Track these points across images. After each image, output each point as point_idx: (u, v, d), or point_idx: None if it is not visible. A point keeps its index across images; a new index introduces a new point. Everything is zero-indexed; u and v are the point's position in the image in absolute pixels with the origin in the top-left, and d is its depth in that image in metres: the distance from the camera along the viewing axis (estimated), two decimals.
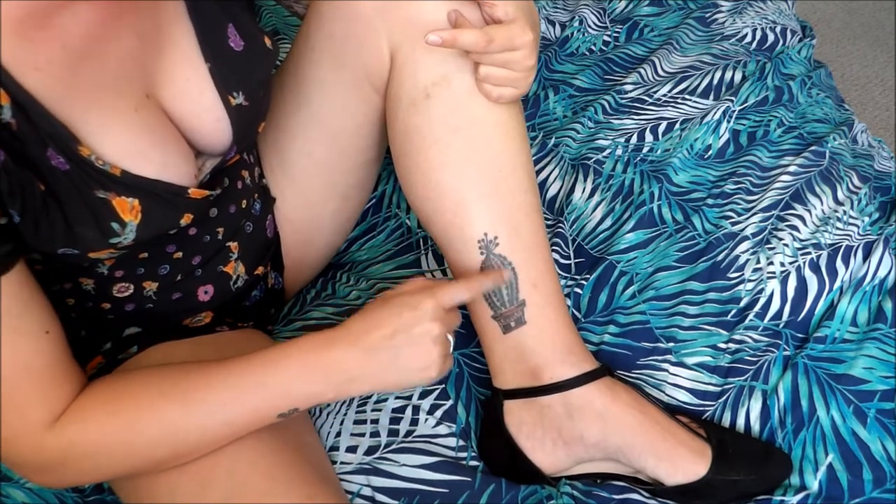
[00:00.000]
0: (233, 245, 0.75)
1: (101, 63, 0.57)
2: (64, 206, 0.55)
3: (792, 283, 0.89)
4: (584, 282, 0.91)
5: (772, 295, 0.88)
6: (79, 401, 0.59)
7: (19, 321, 0.54)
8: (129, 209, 0.58)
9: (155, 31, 0.62)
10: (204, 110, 0.65)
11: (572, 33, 1.35)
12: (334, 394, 0.62)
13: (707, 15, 1.41)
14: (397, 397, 0.79)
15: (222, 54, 0.66)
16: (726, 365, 0.83)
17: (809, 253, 0.92)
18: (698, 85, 1.21)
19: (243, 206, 0.76)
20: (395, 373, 0.62)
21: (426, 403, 0.79)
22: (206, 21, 0.65)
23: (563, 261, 0.94)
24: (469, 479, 0.73)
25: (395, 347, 0.61)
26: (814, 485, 0.74)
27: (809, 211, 0.99)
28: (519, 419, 0.74)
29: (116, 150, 0.58)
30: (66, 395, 0.58)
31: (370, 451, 0.75)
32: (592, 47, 1.34)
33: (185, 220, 0.63)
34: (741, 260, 0.92)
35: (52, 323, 0.57)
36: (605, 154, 1.07)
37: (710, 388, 0.82)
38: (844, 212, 0.99)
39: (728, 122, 1.14)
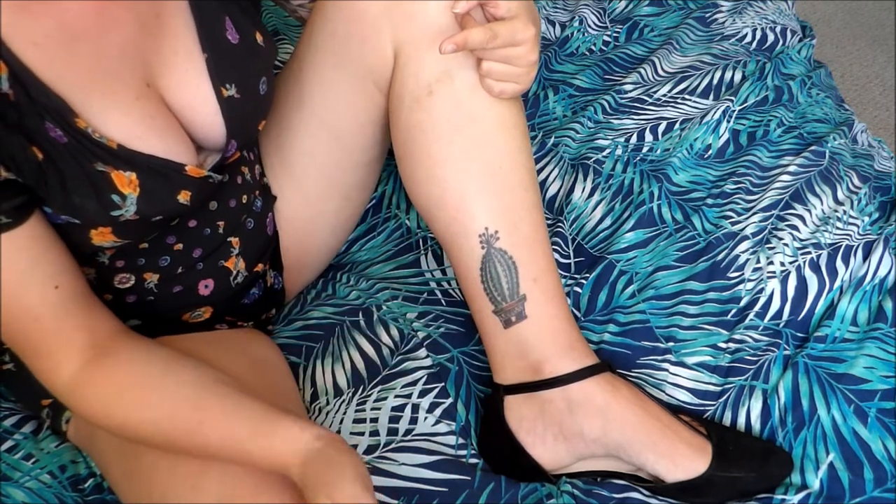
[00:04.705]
0: (234, 240, 0.75)
1: (99, 46, 0.58)
2: (66, 177, 0.56)
3: (792, 282, 0.89)
4: (583, 281, 0.91)
5: (772, 294, 0.88)
6: (104, 374, 0.61)
7: (23, 276, 0.56)
8: (127, 182, 0.59)
9: (154, 19, 0.63)
10: (200, 102, 0.66)
11: (572, 33, 1.35)
12: None
13: (707, 15, 1.41)
14: (396, 396, 0.79)
15: (219, 46, 0.66)
16: (726, 364, 0.83)
17: (809, 252, 0.92)
18: (698, 85, 1.21)
19: (244, 201, 0.76)
20: None
21: (425, 402, 0.78)
22: (205, 12, 0.66)
23: (562, 260, 0.94)
24: (469, 477, 0.73)
25: None
26: (815, 483, 0.74)
27: (809, 211, 0.98)
28: (519, 415, 0.74)
29: (116, 136, 0.59)
30: (81, 342, 0.61)
31: (370, 450, 0.75)
32: (592, 47, 1.34)
33: (183, 197, 0.64)
34: (741, 259, 0.92)
35: (65, 276, 0.59)
36: (604, 154, 1.07)
37: (711, 387, 0.82)
38: (844, 211, 0.99)
39: (728, 121, 1.14)
